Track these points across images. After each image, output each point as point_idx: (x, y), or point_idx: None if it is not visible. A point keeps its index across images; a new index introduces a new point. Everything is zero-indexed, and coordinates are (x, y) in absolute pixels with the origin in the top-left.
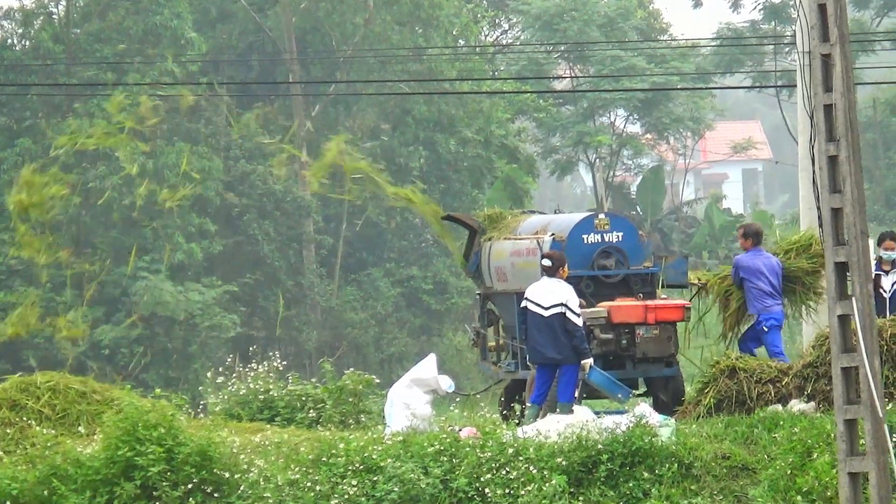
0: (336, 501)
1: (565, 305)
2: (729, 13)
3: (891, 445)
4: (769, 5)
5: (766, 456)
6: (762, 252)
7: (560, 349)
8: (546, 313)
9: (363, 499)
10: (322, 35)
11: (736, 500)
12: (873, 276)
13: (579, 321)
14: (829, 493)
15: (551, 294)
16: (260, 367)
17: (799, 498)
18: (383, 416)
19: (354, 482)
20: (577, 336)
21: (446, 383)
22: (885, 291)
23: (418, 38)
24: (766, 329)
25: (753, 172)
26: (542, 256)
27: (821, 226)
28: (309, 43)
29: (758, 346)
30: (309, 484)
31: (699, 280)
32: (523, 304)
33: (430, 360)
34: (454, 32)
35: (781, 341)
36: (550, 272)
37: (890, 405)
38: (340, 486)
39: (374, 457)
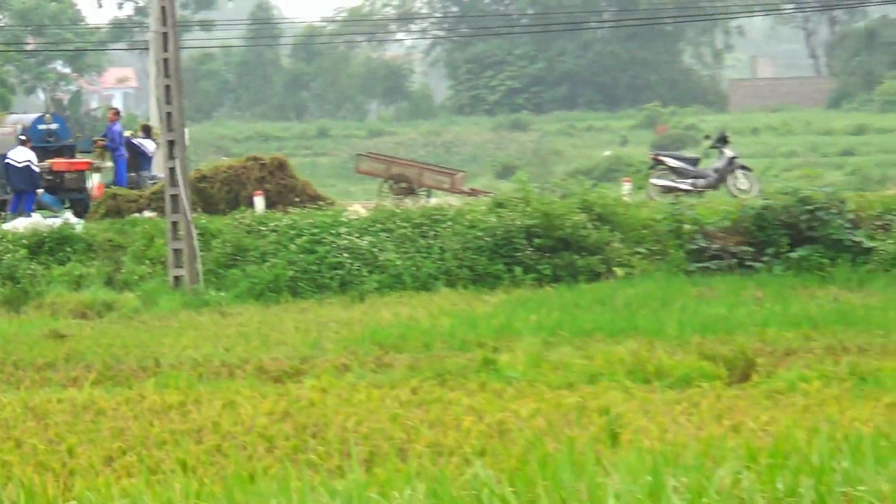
0: None
1: (30, 161)
2: None
3: (195, 236)
4: None
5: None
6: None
7: (26, 183)
8: (20, 165)
9: None
10: None
11: (115, 265)
12: None
13: (37, 169)
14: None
15: (23, 155)
16: None
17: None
18: None
19: None
20: (35, 176)
21: None
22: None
23: None
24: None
25: (128, 94)
26: (20, 135)
27: (160, 120)
28: None
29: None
30: None
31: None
32: (6, 161)
33: None
34: None
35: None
36: (24, 143)
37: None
38: None
39: None
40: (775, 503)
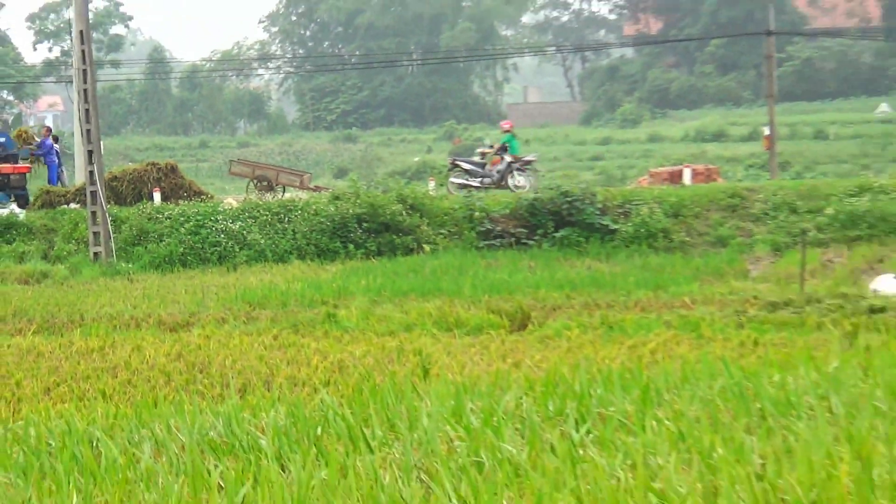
0: None
1: None
2: None
3: (109, 222)
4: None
5: None
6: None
7: None
8: None
9: None
10: None
11: (49, 244)
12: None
13: None
14: (86, 240)
15: None
16: None
17: None
18: None
19: None
20: None
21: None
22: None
23: None
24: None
25: (57, 116)
26: None
27: (82, 135)
28: None
29: None
30: None
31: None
32: None
33: None
34: None
35: None
36: None
37: (117, 207)
38: None
39: None
40: (548, 420)
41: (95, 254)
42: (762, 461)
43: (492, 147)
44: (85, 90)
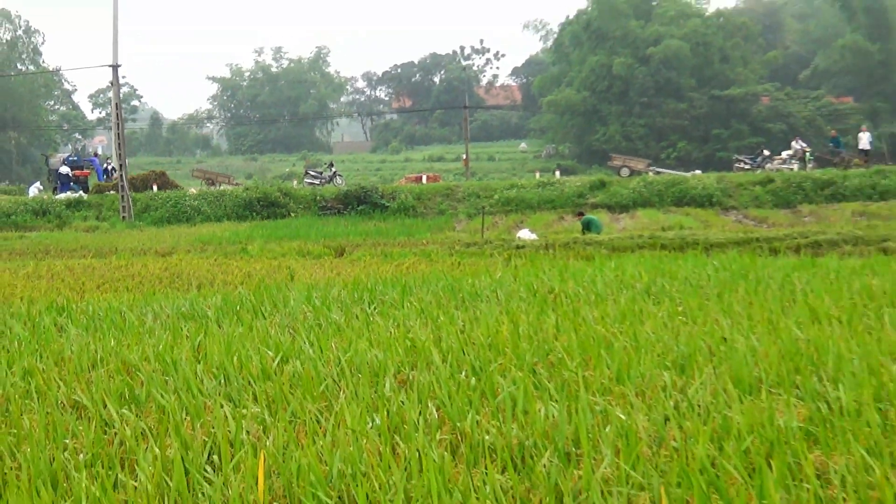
0: None
1: (68, 172)
2: None
3: (130, 200)
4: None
5: None
6: None
7: (65, 181)
8: (63, 173)
9: None
10: None
11: (99, 211)
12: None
13: (70, 175)
14: (118, 209)
15: (64, 170)
16: None
17: None
18: None
19: None
20: (70, 178)
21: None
22: None
23: None
24: None
25: (105, 146)
26: (63, 162)
27: (116, 157)
28: None
29: None
30: None
31: None
32: (59, 171)
33: None
34: None
35: None
36: (64, 165)
37: (134, 193)
38: None
39: None
40: (354, 302)
41: (123, 217)
42: (463, 323)
43: (103, 166)
44: (118, 133)
